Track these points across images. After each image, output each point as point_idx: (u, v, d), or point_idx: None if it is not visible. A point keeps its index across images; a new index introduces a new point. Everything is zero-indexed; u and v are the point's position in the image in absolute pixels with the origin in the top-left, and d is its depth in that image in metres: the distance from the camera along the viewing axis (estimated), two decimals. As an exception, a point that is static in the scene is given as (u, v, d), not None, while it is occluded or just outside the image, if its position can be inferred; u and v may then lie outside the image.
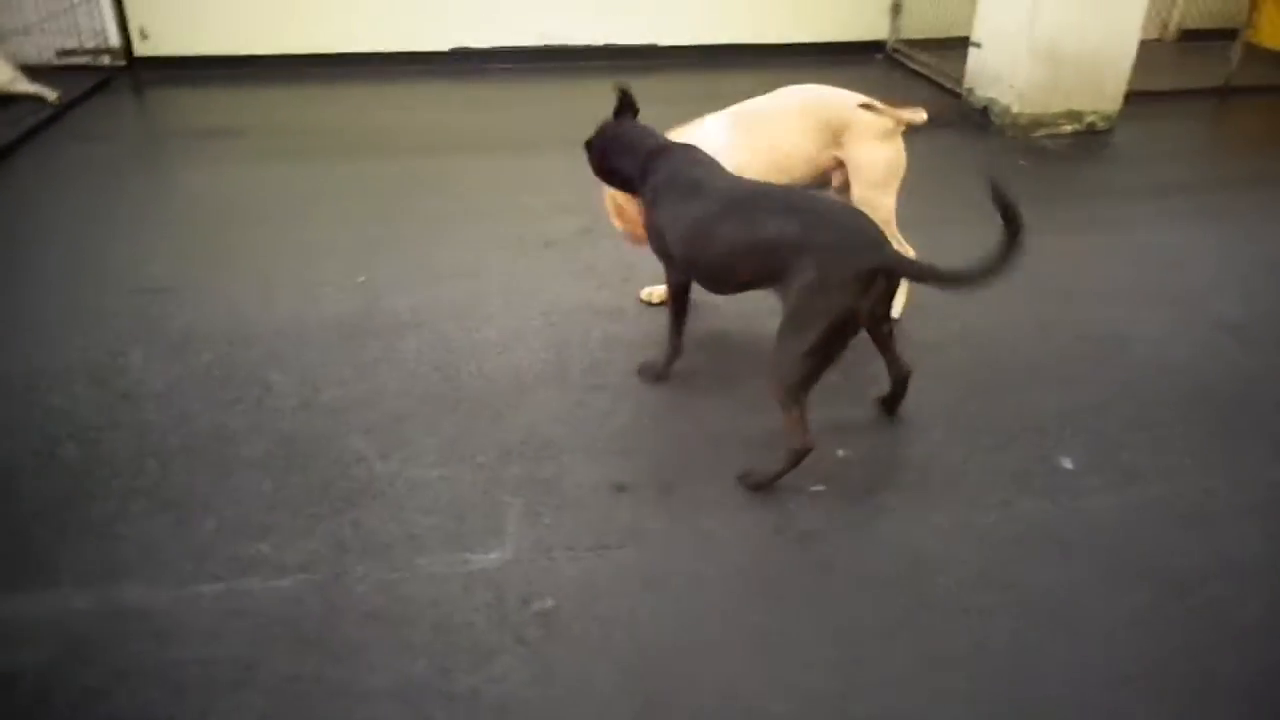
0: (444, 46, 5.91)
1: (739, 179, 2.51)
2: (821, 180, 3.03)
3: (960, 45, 5.75)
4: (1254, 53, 5.68)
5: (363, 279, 3.37)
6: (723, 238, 2.39)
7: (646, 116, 4.63)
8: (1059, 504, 2.37)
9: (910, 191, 3.19)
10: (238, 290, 3.29)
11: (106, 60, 5.79)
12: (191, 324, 3.07)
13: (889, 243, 2.27)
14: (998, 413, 2.69)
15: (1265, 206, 4.07)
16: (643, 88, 5.58)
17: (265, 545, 2.20)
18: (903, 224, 3.02)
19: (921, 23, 6.08)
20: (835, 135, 2.95)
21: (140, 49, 5.83)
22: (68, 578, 2.10)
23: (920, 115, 2.95)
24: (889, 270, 2.23)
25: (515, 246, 3.63)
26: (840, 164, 2.98)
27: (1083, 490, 2.41)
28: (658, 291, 3.21)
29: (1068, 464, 2.50)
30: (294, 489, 2.37)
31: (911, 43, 6.10)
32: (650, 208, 2.58)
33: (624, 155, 2.67)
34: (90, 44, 5.71)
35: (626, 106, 2.79)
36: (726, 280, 2.48)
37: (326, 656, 1.93)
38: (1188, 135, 5.12)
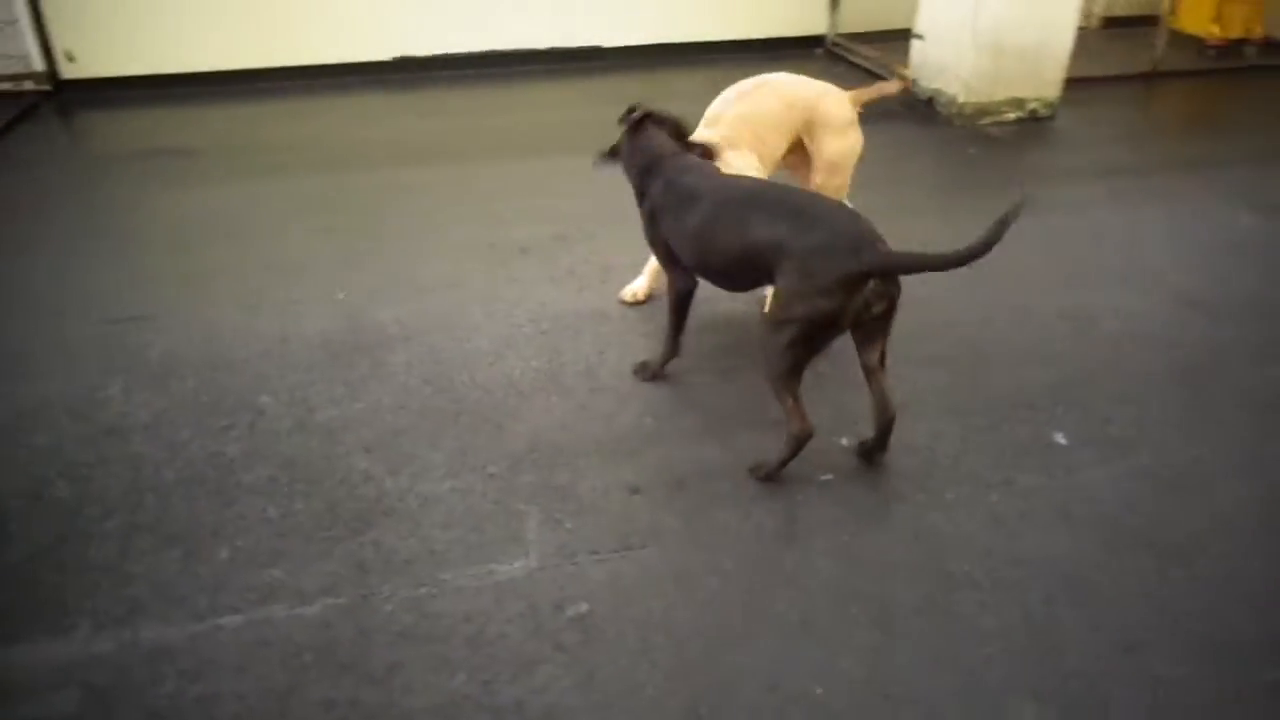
0: (387, 55, 5.84)
1: (732, 181, 2.54)
2: (782, 165, 3.14)
3: (900, 37, 5.89)
4: (1175, 38, 5.91)
5: (342, 295, 3.32)
6: (721, 243, 2.43)
7: (589, 118, 4.65)
8: (1056, 478, 2.45)
9: (866, 183, 3.29)
10: (214, 313, 3.21)
11: (30, 85, 5.58)
12: (171, 351, 2.99)
13: (879, 243, 2.23)
14: (988, 394, 2.77)
15: (1205, 186, 4.24)
16: (589, 90, 5.62)
17: (281, 572, 2.16)
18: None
19: (860, 16, 6.20)
20: (806, 126, 3.04)
21: (67, 72, 5.64)
22: (83, 621, 2.03)
23: (895, 85, 3.14)
24: (877, 272, 2.18)
25: (491, 255, 3.61)
26: (801, 149, 3.08)
27: (1077, 464, 2.50)
28: (639, 290, 3.24)
29: (1061, 439, 2.59)
30: (303, 513, 2.33)
31: (851, 36, 6.22)
32: (650, 221, 2.61)
33: (628, 170, 2.74)
34: (11, 70, 5.51)
35: (639, 121, 2.75)
36: (736, 281, 2.52)
37: (362, 680, 1.91)
38: (1124, 119, 5.32)
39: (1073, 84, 5.09)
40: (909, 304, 3.08)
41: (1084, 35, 5.34)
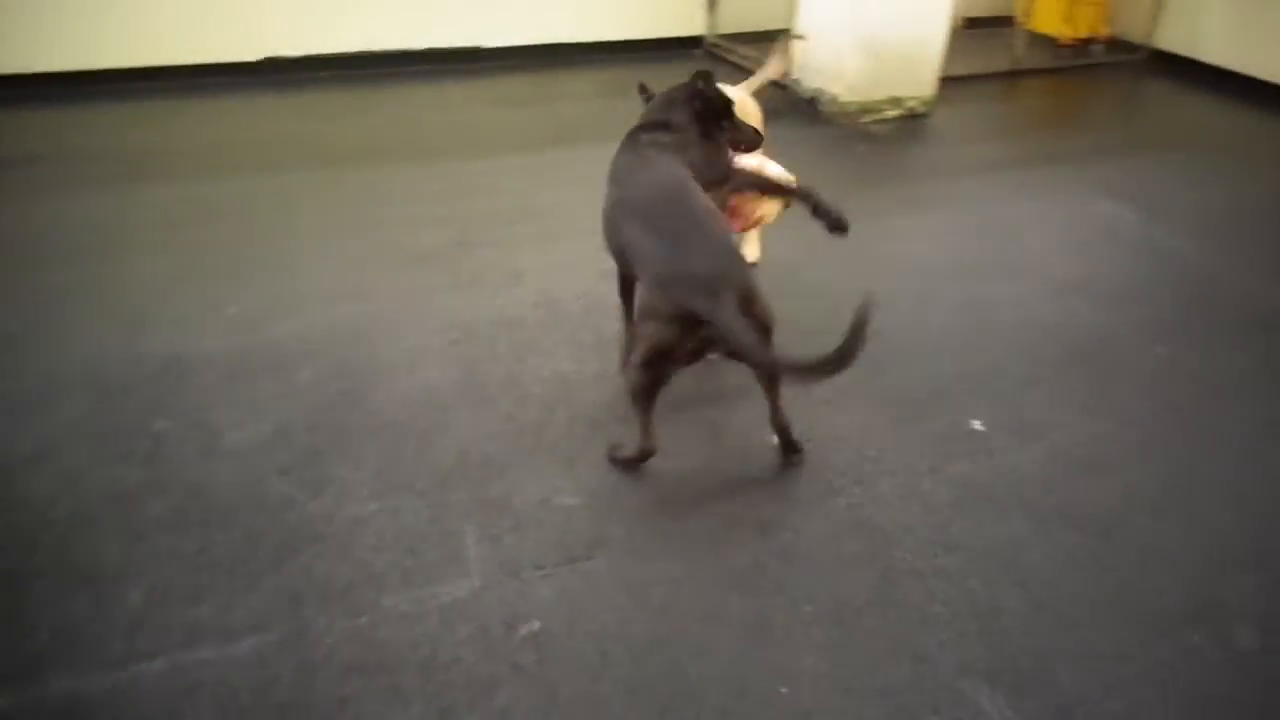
0: (255, 56, 5.55)
1: (660, 175, 2.42)
2: None
3: (778, 38, 6.00)
4: (1032, 38, 6.24)
5: (233, 310, 3.12)
6: (609, 230, 2.47)
7: (475, 120, 4.54)
8: (980, 464, 2.53)
9: None
10: (94, 332, 2.97)
11: None
12: (50, 374, 2.75)
13: (732, 290, 2.06)
14: (905, 385, 2.83)
15: (1071, 177, 4.48)
16: (471, 92, 5.49)
17: (204, 610, 2.01)
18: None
19: (737, 17, 6.28)
20: None
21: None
22: (-20, 678, 1.84)
23: (780, 66, 3.20)
24: (710, 320, 2.04)
25: (389, 263, 3.47)
26: None
27: (997, 449, 2.59)
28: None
29: (978, 425, 2.68)
30: (221, 545, 2.18)
31: (729, 36, 6.29)
32: None
33: None
34: None
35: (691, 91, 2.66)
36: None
37: (309, 718, 1.79)
38: (992, 115, 5.57)
39: (944, 82, 5.29)
40: (815, 300, 3.18)
41: (949, 36, 5.56)
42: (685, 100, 2.64)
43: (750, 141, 2.75)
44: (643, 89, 2.87)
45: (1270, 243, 3.91)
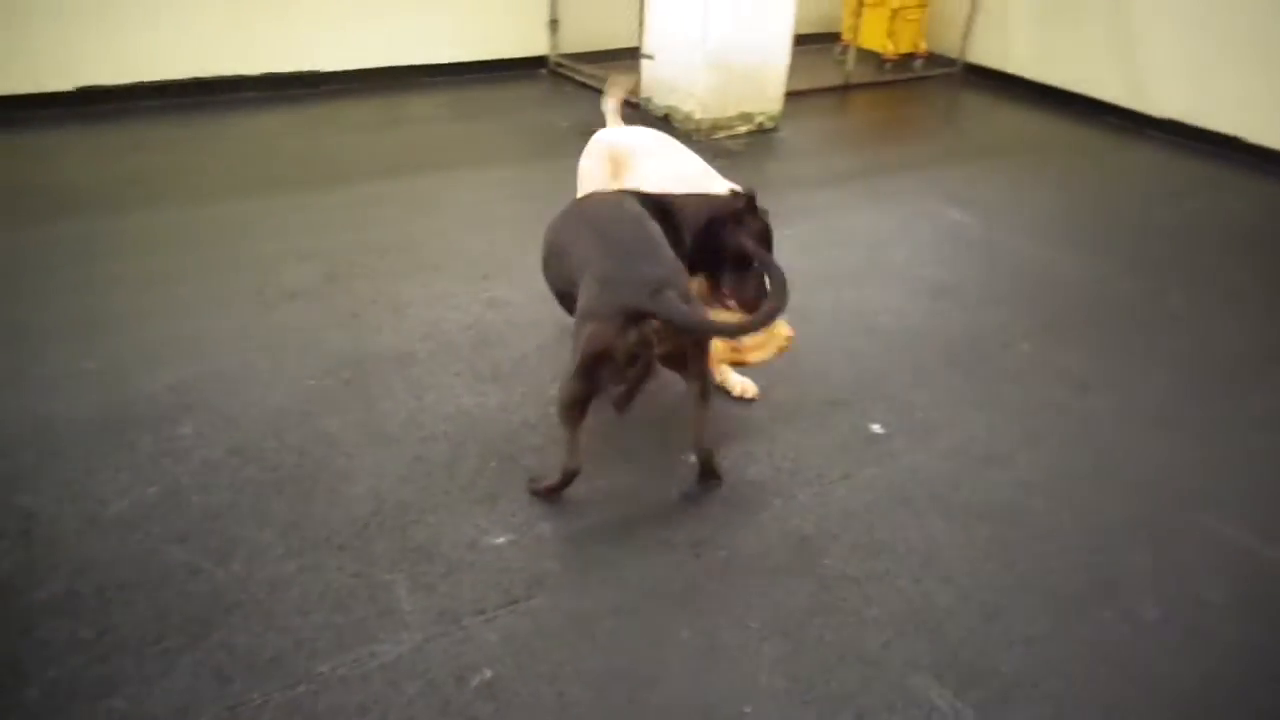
0: (67, 86, 5.12)
1: (621, 206, 2.41)
2: None
3: (622, 56, 6.08)
4: (860, 54, 6.58)
5: (92, 364, 2.87)
6: (557, 246, 2.45)
7: (324, 148, 4.41)
8: (886, 466, 2.63)
9: None
10: (-70, 402, 2.66)
11: None
12: (-115, 455, 2.44)
13: (673, 287, 2.11)
14: (803, 396, 2.91)
15: (915, 185, 4.75)
16: (313, 117, 5.29)
17: (118, 702, 1.83)
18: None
19: (580, 37, 6.32)
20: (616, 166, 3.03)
21: None
22: None
23: (628, 80, 3.24)
24: (652, 314, 2.08)
25: (259, 303, 3.27)
26: None
27: (899, 451, 2.70)
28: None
29: (878, 429, 2.79)
30: (125, 626, 1.99)
31: (573, 56, 6.32)
32: None
33: None
34: None
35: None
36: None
37: (256, 804, 1.66)
38: (834, 128, 5.83)
39: (787, 97, 5.50)
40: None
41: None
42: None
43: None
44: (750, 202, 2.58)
45: (1097, 239, 4.26)
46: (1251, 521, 2.49)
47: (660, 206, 2.49)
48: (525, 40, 6.31)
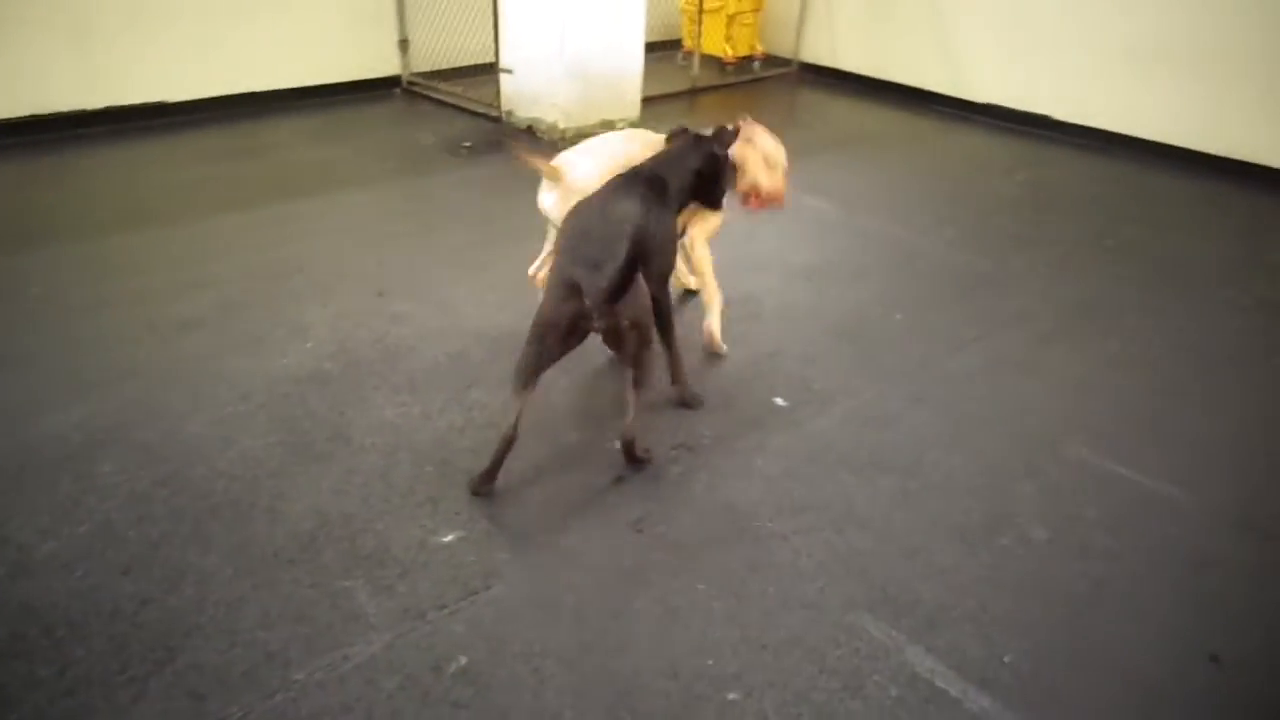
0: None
1: (615, 192, 2.58)
2: None
3: (476, 72, 6.17)
4: (703, 59, 6.88)
5: (-14, 411, 2.76)
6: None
7: (187, 179, 4.35)
8: (793, 434, 2.85)
9: (503, 212, 3.52)
10: None
11: None
12: None
13: (611, 266, 2.24)
14: (710, 376, 3.10)
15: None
16: (168, 149, 5.16)
17: (90, 733, 1.82)
18: (504, 240, 3.40)
19: (431, 55, 6.35)
20: None
21: None
22: None
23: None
24: (585, 291, 2.25)
25: (155, 336, 3.20)
26: None
27: (802, 419, 2.92)
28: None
29: (781, 402, 3.00)
30: (85, 661, 1.96)
31: (426, 74, 6.35)
32: None
33: None
34: None
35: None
36: None
37: (258, 811, 1.70)
38: (689, 129, 6.08)
39: (643, 103, 5.72)
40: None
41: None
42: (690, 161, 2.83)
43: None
44: (682, 132, 2.94)
45: (941, 214, 4.65)
46: (1112, 448, 2.83)
47: (653, 175, 2.70)
48: (376, 61, 6.30)
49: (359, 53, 6.22)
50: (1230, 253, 4.40)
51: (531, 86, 5.34)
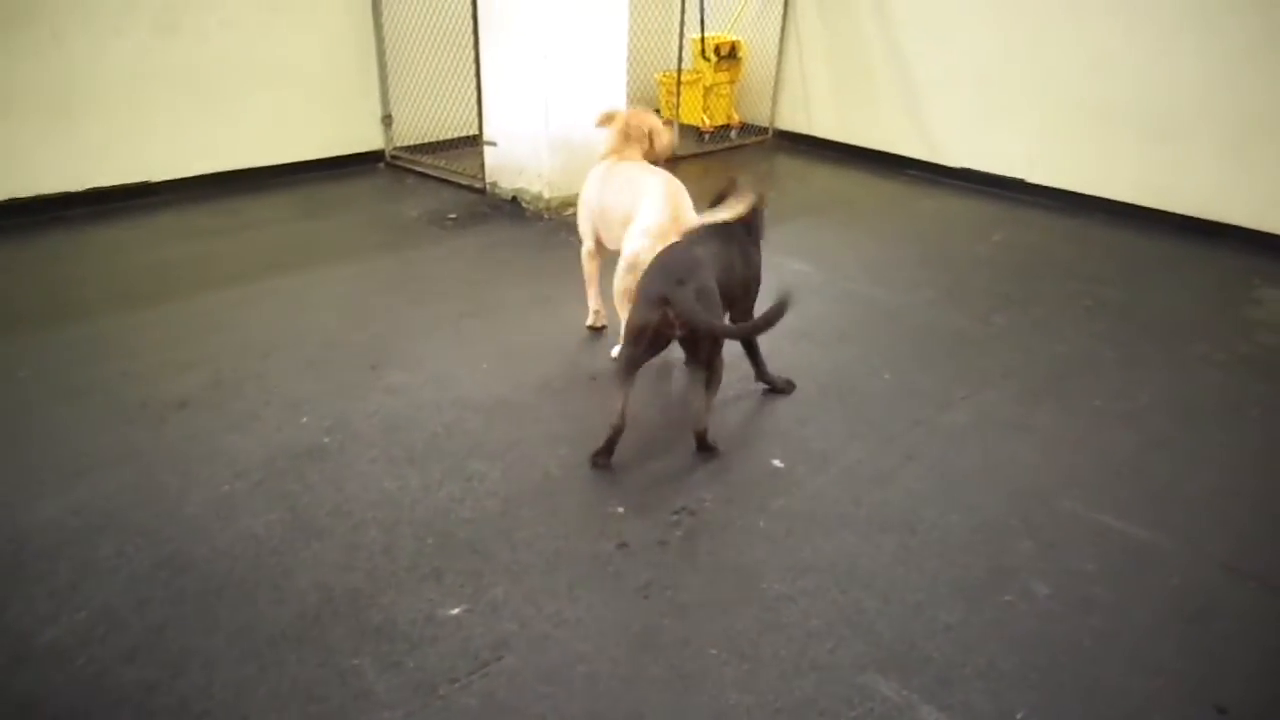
0: None
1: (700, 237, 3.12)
2: None
3: (459, 145, 6.27)
4: (681, 129, 7.05)
5: (-21, 498, 2.73)
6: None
7: (174, 258, 4.38)
8: (794, 495, 2.87)
9: (491, 279, 3.56)
10: None
11: None
12: None
13: (693, 285, 2.76)
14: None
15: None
16: (155, 228, 5.18)
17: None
18: (494, 309, 3.39)
19: (414, 130, 6.46)
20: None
21: None
22: None
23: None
24: (671, 301, 2.74)
25: (147, 416, 3.19)
26: None
27: (799, 480, 2.95)
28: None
29: (778, 463, 3.03)
30: (88, 750, 1.93)
31: (409, 148, 6.45)
32: None
33: None
34: None
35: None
36: None
37: None
38: (669, 197, 6.19)
39: (623, 173, 5.83)
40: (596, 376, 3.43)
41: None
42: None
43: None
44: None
45: (921, 276, 4.75)
46: (1105, 501, 2.88)
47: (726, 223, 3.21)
48: (360, 136, 6.39)
49: (342, 129, 6.32)
50: (1203, 309, 4.52)
51: (515, 158, 5.44)
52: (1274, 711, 2.17)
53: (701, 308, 2.76)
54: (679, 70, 6.91)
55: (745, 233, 3.26)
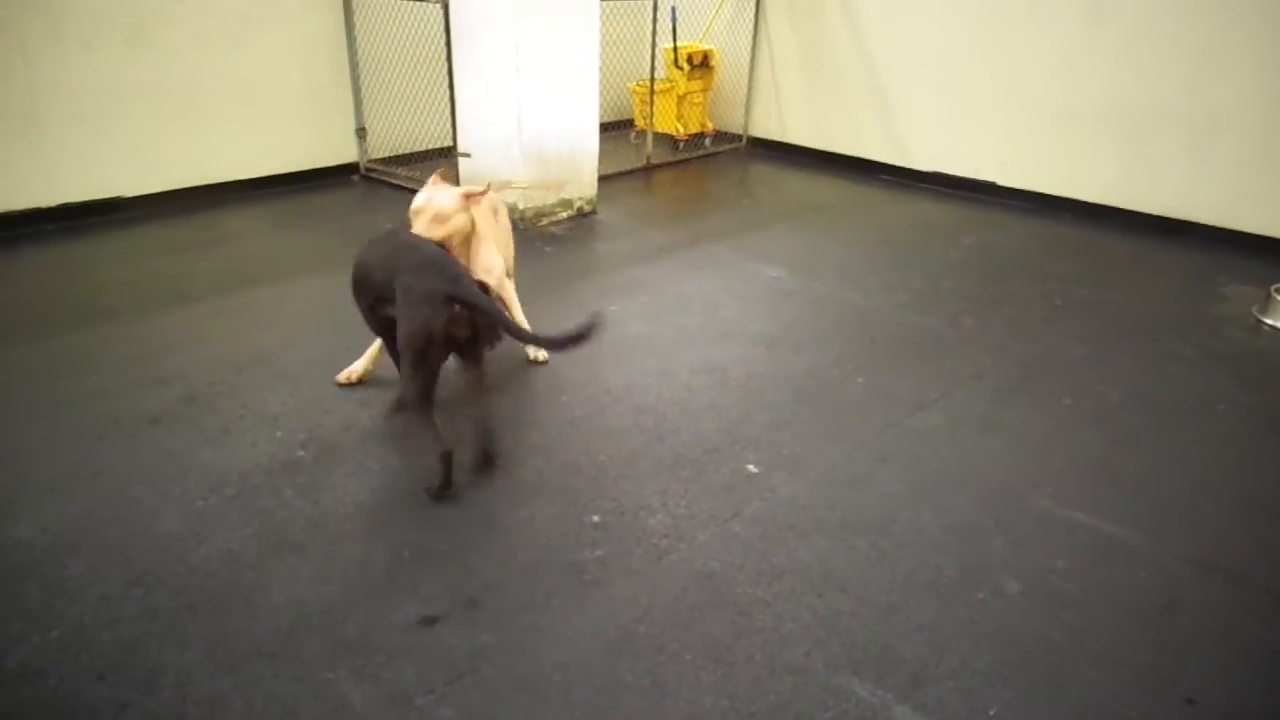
0: None
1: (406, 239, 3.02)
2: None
3: (434, 157, 6.29)
4: (656, 138, 7.08)
5: (-51, 519, 2.70)
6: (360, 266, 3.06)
7: (148, 272, 4.34)
8: (768, 500, 2.89)
9: None
10: None
11: None
12: None
13: (465, 278, 2.74)
14: (681, 448, 3.14)
15: (731, 250, 5.17)
16: (127, 243, 5.15)
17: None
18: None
19: (388, 143, 6.46)
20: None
21: None
22: None
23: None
24: (456, 297, 2.67)
25: (119, 432, 3.17)
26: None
27: (774, 485, 2.97)
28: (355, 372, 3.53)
29: (753, 469, 3.05)
30: (60, 770, 1.92)
31: (384, 161, 6.45)
32: None
33: None
34: None
35: None
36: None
37: None
38: (647, 206, 6.22)
39: (599, 181, 5.85)
40: (579, 391, 3.43)
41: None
42: None
43: None
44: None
45: (893, 279, 4.79)
46: (1076, 498, 2.92)
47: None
48: (334, 149, 6.38)
49: (317, 141, 6.30)
50: (1171, 307, 4.58)
51: (490, 169, 5.44)
52: (1241, 702, 2.20)
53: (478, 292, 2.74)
54: (651, 80, 6.94)
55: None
